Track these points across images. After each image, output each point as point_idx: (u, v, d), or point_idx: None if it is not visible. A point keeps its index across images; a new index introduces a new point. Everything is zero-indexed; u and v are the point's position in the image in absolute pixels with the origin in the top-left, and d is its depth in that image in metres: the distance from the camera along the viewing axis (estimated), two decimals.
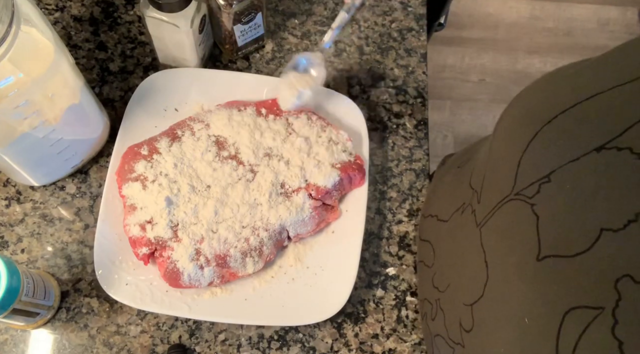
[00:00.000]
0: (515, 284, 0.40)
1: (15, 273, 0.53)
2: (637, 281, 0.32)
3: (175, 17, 0.64)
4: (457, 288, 0.51)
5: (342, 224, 0.66)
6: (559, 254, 0.37)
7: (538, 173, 0.40)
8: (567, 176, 0.38)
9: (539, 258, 0.38)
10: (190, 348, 0.63)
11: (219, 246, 0.61)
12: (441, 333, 0.53)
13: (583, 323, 0.34)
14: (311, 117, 0.68)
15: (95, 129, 0.66)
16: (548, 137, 0.40)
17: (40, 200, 0.67)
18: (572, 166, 0.37)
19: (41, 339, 0.62)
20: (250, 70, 0.76)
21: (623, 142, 0.35)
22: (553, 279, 0.37)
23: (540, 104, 0.42)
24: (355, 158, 0.67)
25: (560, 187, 0.38)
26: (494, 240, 0.45)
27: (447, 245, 0.56)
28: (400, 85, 0.78)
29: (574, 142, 0.38)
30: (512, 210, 0.42)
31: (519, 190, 0.41)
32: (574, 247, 0.36)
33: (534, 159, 0.41)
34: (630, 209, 0.33)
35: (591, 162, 0.36)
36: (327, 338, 0.64)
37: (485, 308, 0.44)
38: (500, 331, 0.42)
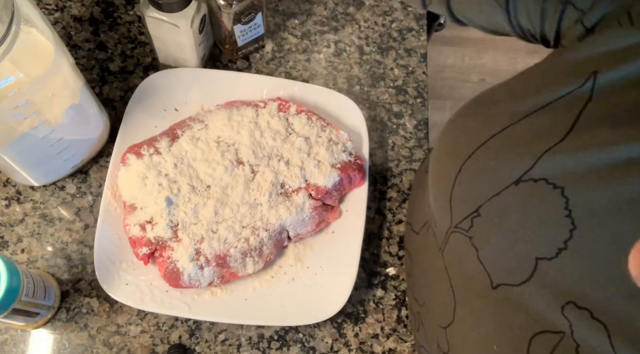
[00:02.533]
0: (480, 310, 0.41)
1: (15, 273, 0.53)
2: (580, 306, 0.33)
3: (175, 17, 0.64)
4: (432, 309, 0.51)
5: (342, 224, 0.66)
6: (507, 283, 0.37)
7: (468, 208, 0.40)
8: (494, 209, 0.38)
9: (493, 286, 0.39)
10: (190, 348, 0.63)
11: (219, 246, 0.61)
12: (424, 345, 0.54)
13: (549, 347, 0.34)
14: (311, 117, 0.68)
15: (95, 129, 0.66)
16: (471, 172, 0.40)
17: (40, 200, 0.67)
18: (497, 200, 0.38)
19: (41, 339, 0.62)
20: (250, 70, 0.76)
21: (537, 173, 0.35)
22: (511, 306, 0.37)
23: (462, 137, 0.43)
24: (355, 158, 0.67)
25: (490, 221, 0.38)
26: (453, 267, 0.45)
27: (420, 259, 0.56)
28: (400, 85, 0.78)
29: (495, 176, 0.38)
30: (456, 241, 0.43)
31: (457, 223, 0.42)
32: (517, 277, 0.36)
33: (462, 194, 0.41)
34: (559, 237, 0.34)
35: (512, 195, 0.37)
36: (327, 338, 0.64)
37: (457, 333, 0.45)
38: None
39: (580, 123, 0.35)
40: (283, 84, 0.72)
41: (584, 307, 0.33)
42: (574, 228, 0.33)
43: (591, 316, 0.32)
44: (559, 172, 0.35)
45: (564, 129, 0.35)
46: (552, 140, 0.35)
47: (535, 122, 0.37)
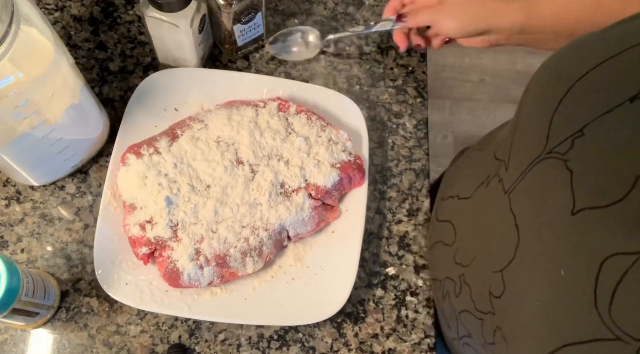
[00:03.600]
0: (549, 241, 0.41)
1: (15, 273, 0.53)
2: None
3: (176, 17, 0.64)
4: (484, 258, 0.51)
5: (342, 224, 0.66)
6: (594, 206, 0.37)
7: (571, 129, 0.40)
8: (601, 128, 0.38)
9: (574, 212, 0.39)
10: (190, 348, 0.63)
11: (219, 246, 0.61)
12: (467, 308, 0.54)
13: (621, 269, 0.34)
14: (311, 117, 0.68)
15: (95, 129, 0.66)
16: (580, 93, 0.40)
17: (40, 200, 0.67)
18: (606, 118, 0.38)
19: (41, 339, 0.62)
20: (250, 70, 0.76)
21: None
22: (589, 230, 0.38)
23: (570, 63, 0.43)
24: (355, 158, 0.67)
25: (595, 140, 0.38)
26: (525, 202, 0.45)
27: (470, 221, 0.56)
28: (400, 85, 0.78)
29: (607, 95, 0.38)
30: (544, 169, 0.43)
31: (552, 148, 0.42)
32: (609, 198, 0.36)
33: (566, 116, 0.41)
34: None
35: (625, 112, 0.37)
36: (327, 338, 0.64)
37: (517, 270, 0.45)
38: (534, 287, 0.42)
39: None
40: (283, 84, 0.72)
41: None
42: None
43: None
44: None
45: None
46: None
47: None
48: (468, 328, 0.55)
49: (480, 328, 0.52)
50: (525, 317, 0.43)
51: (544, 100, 0.44)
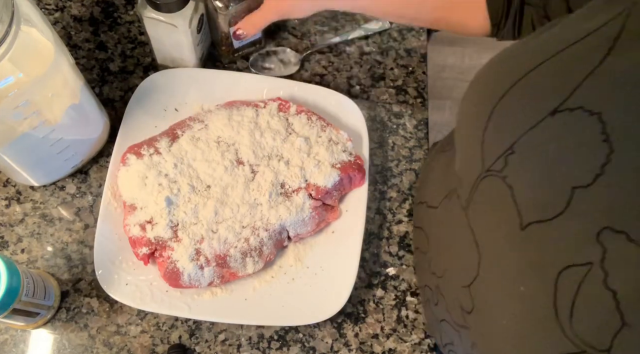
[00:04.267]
0: (506, 256, 0.41)
1: (15, 273, 0.53)
2: (617, 230, 0.33)
3: (173, 17, 0.64)
4: (453, 272, 0.52)
5: (342, 224, 0.66)
6: (539, 220, 0.38)
7: (502, 146, 0.41)
8: (529, 144, 0.39)
9: (522, 227, 0.39)
10: (190, 348, 0.63)
11: (219, 246, 0.61)
12: (446, 317, 0.54)
13: (576, 281, 0.35)
14: (311, 117, 0.68)
15: (95, 129, 0.66)
16: (505, 111, 0.41)
17: (40, 200, 0.67)
18: (532, 134, 0.38)
19: (41, 339, 0.62)
20: (250, 71, 0.76)
21: (574, 102, 0.36)
22: (539, 244, 0.38)
23: (493, 82, 0.44)
24: (355, 158, 0.67)
25: (525, 156, 0.39)
26: (479, 219, 0.46)
27: (438, 231, 0.57)
28: (400, 85, 0.78)
29: (529, 111, 0.39)
30: (487, 186, 0.43)
31: (489, 166, 0.42)
32: (551, 211, 0.37)
33: (495, 134, 0.42)
34: (596, 163, 0.34)
35: (548, 126, 0.37)
36: (327, 338, 0.64)
37: (482, 287, 0.45)
38: (499, 304, 0.43)
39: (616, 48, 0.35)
40: (283, 84, 0.72)
41: (621, 230, 0.33)
42: (612, 152, 0.34)
43: (628, 239, 0.33)
44: (595, 99, 0.35)
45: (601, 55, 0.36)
46: (588, 68, 0.36)
47: (570, 55, 0.38)
48: (450, 337, 0.55)
49: (459, 339, 0.52)
50: (495, 335, 0.43)
51: (473, 120, 0.45)
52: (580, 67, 0.36)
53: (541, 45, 0.41)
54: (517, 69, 0.41)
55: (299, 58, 0.77)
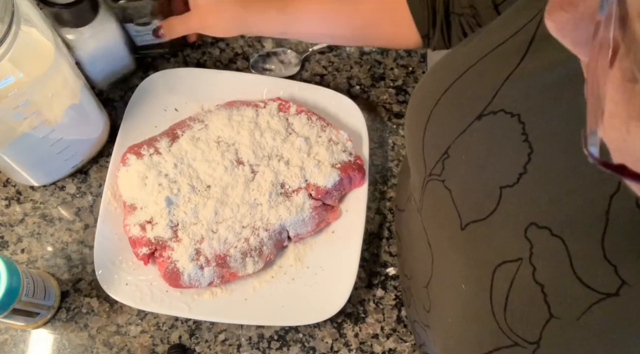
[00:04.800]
0: (451, 256, 0.43)
1: (15, 273, 0.53)
2: (541, 226, 0.35)
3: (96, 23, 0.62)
4: (417, 273, 0.53)
5: (342, 224, 0.66)
6: (475, 219, 0.40)
7: (438, 152, 0.43)
8: (461, 147, 0.41)
9: (462, 227, 0.41)
10: (190, 348, 0.63)
11: (219, 246, 0.61)
12: (416, 318, 0.56)
13: (509, 276, 0.36)
14: (311, 117, 0.68)
15: (95, 128, 0.66)
16: (438, 117, 0.43)
17: (40, 200, 0.67)
18: (463, 138, 0.40)
19: (41, 339, 0.62)
20: (250, 71, 0.76)
21: (496, 105, 0.38)
22: (477, 243, 0.40)
23: (428, 91, 0.45)
24: (355, 158, 0.67)
25: (458, 160, 0.41)
26: (429, 220, 0.47)
27: (405, 233, 0.58)
28: (400, 85, 0.78)
29: (459, 116, 0.41)
30: (432, 190, 0.45)
31: (430, 171, 0.44)
32: (484, 210, 0.39)
33: (432, 140, 0.44)
34: (519, 163, 0.36)
35: (476, 130, 0.39)
36: (327, 338, 0.64)
37: (435, 286, 0.47)
38: (446, 302, 0.44)
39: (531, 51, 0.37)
40: (283, 84, 0.72)
41: (544, 226, 0.34)
42: (532, 151, 0.35)
43: (550, 234, 0.34)
44: (514, 101, 0.37)
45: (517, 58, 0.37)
46: (506, 71, 0.37)
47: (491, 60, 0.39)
48: (422, 337, 0.56)
49: (428, 338, 0.53)
50: (444, 333, 0.45)
51: (414, 128, 0.46)
52: (500, 71, 0.38)
53: (467, 53, 0.42)
54: (447, 77, 0.43)
55: (300, 59, 0.77)
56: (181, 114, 0.70)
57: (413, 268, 0.55)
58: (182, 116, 0.69)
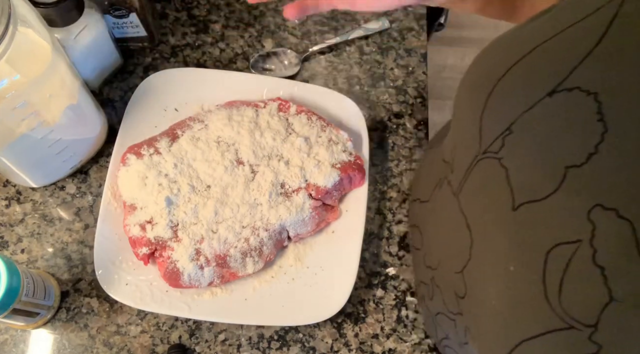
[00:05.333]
0: (496, 237, 0.42)
1: (15, 273, 0.53)
2: (607, 207, 0.34)
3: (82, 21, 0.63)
4: (447, 260, 0.52)
5: (342, 224, 0.66)
6: (531, 200, 0.39)
7: (499, 127, 0.42)
8: (526, 124, 0.40)
9: (514, 208, 0.40)
10: (190, 348, 0.63)
11: (219, 246, 0.61)
12: (441, 309, 0.55)
13: (564, 259, 0.36)
14: (311, 117, 0.68)
15: (93, 129, 0.66)
16: (503, 92, 0.42)
17: (40, 200, 0.67)
18: (529, 114, 0.39)
19: (41, 339, 0.62)
20: (250, 71, 0.76)
21: (571, 82, 0.37)
22: (530, 224, 0.39)
23: (491, 64, 0.44)
24: (355, 158, 0.67)
25: (522, 137, 0.40)
26: (471, 202, 0.47)
27: (431, 223, 0.57)
28: (400, 85, 0.78)
29: (527, 92, 0.40)
30: (482, 169, 0.44)
31: (486, 148, 0.43)
32: (544, 190, 0.38)
33: (493, 115, 0.43)
34: (589, 142, 0.35)
35: (546, 107, 0.38)
36: (327, 338, 0.64)
37: (473, 269, 0.46)
38: (489, 285, 0.43)
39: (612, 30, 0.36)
40: (283, 84, 0.72)
41: (611, 207, 0.34)
42: (605, 131, 0.35)
43: (617, 215, 0.33)
44: (592, 80, 0.36)
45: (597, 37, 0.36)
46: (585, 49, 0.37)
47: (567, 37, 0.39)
48: (445, 330, 0.56)
49: (454, 328, 0.53)
50: (485, 316, 0.44)
51: (471, 102, 0.45)
52: (577, 49, 0.37)
53: (537, 30, 0.42)
54: (514, 53, 0.42)
55: (300, 59, 0.77)
56: (181, 114, 0.70)
57: (441, 256, 0.54)
58: (182, 116, 0.69)
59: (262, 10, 0.81)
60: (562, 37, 0.39)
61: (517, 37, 0.44)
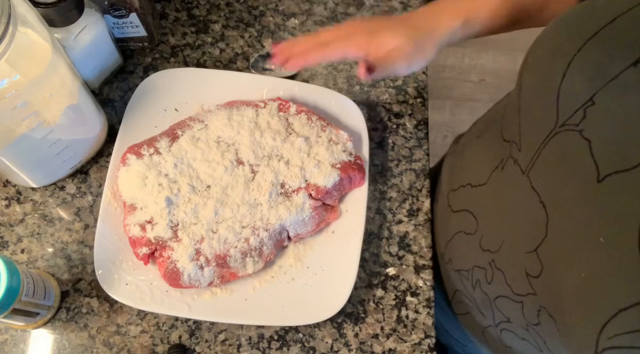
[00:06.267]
0: (580, 210, 0.41)
1: (15, 273, 0.53)
2: None
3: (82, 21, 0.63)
4: (514, 241, 0.51)
5: (342, 224, 0.66)
6: (618, 170, 0.38)
7: (580, 99, 0.41)
8: (610, 94, 0.39)
9: (599, 179, 0.39)
10: (190, 348, 0.63)
11: (219, 246, 0.61)
12: (503, 292, 0.54)
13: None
14: (311, 117, 0.68)
15: (93, 129, 0.66)
16: (582, 64, 0.41)
17: (40, 200, 0.67)
18: (613, 84, 0.38)
19: (41, 339, 0.62)
20: (250, 71, 0.76)
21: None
22: (619, 195, 0.38)
23: (566, 36, 0.43)
24: (355, 158, 0.67)
25: (606, 107, 0.39)
26: (546, 178, 0.45)
27: (490, 206, 0.56)
28: (400, 85, 0.78)
29: (609, 63, 0.39)
30: (561, 142, 0.43)
31: (564, 120, 0.42)
32: (632, 160, 0.37)
33: (573, 87, 0.42)
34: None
35: (631, 76, 0.37)
36: (327, 338, 0.64)
37: (552, 246, 0.45)
38: (575, 260, 0.42)
39: None
40: (283, 84, 0.72)
41: None
42: None
43: None
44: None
45: None
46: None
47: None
48: (506, 313, 0.55)
49: (521, 310, 0.51)
50: (572, 290, 0.43)
51: (546, 74, 0.44)
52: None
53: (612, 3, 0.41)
54: (590, 24, 0.41)
55: None
56: (181, 114, 0.70)
57: (505, 238, 0.53)
58: (182, 116, 0.69)
59: (262, 10, 0.81)
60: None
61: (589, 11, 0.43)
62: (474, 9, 0.60)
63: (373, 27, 0.59)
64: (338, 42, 0.59)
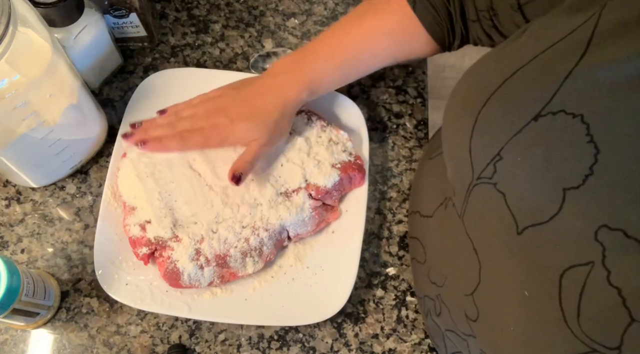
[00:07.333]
0: (506, 262, 0.42)
1: (15, 273, 0.53)
2: (613, 228, 0.33)
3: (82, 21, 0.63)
4: (455, 281, 0.51)
5: (342, 224, 0.66)
6: (535, 223, 0.38)
7: (490, 153, 0.41)
8: (516, 149, 0.39)
9: (519, 232, 0.39)
10: (190, 348, 0.63)
11: (219, 246, 0.61)
12: (451, 327, 0.54)
13: (580, 281, 0.35)
14: (311, 117, 0.68)
15: (93, 129, 0.66)
16: (489, 118, 0.41)
17: (40, 200, 0.67)
18: (517, 139, 0.39)
19: (41, 339, 0.62)
20: (250, 72, 0.76)
21: (555, 106, 0.37)
22: (538, 247, 0.38)
23: (473, 90, 0.44)
24: (355, 158, 0.67)
25: (513, 161, 0.39)
26: (475, 226, 0.46)
27: (436, 240, 0.56)
28: (400, 85, 0.78)
29: (512, 117, 0.39)
30: (479, 194, 0.43)
31: (479, 174, 0.43)
32: (545, 213, 0.37)
33: (481, 142, 0.42)
34: (584, 164, 0.35)
35: (533, 131, 0.38)
36: (327, 338, 0.64)
37: (485, 294, 0.45)
38: (505, 311, 0.43)
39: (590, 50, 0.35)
40: None
41: (617, 228, 0.33)
42: (598, 152, 0.34)
43: (625, 235, 0.33)
44: (576, 101, 0.36)
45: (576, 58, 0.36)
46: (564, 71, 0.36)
47: (545, 60, 0.38)
48: (457, 346, 0.55)
49: (467, 348, 0.52)
50: (503, 342, 0.43)
51: (458, 130, 0.45)
52: (557, 71, 0.37)
53: (515, 53, 0.41)
54: (495, 78, 0.41)
55: None
56: None
57: (447, 275, 0.53)
58: None
59: (262, 10, 0.81)
60: (541, 60, 0.39)
61: (496, 61, 0.43)
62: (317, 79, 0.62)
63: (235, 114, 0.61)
64: (196, 137, 0.61)
